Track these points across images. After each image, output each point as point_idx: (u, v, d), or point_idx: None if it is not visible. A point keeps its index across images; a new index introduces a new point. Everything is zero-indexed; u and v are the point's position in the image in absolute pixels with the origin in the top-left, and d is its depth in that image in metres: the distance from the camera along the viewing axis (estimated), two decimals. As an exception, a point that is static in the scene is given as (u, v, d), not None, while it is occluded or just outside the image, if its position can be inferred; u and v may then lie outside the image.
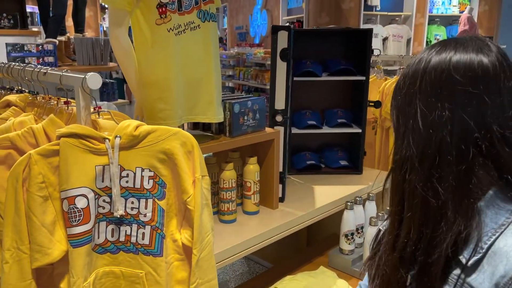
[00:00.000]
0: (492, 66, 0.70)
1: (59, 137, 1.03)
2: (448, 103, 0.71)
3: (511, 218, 0.68)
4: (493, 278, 0.66)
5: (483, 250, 0.68)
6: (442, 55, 0.73)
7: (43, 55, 3.43)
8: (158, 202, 1.11)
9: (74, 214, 1.02)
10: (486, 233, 0.69)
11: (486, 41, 0.75)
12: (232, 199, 1.75)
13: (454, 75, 0.71)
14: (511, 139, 0.70)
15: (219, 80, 1.65)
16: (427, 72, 0.73)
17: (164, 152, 1.09)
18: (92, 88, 1.04)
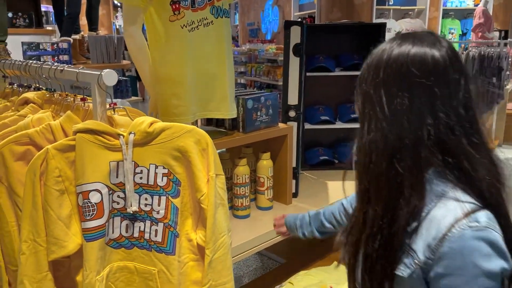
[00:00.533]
0: (442, 59, 0.81)
1: (75, 133, 1.04)
2: (407, 93, 0.81)
3: (444, 192, 0.81)
4: (426, 240, 0.79)
5: (421, 218, 0.81)
6: (402, 48, 0.83)
7: (58, 53, 3.47)
8: (172, 200, 1.11)
9: (88, 209, 1.04)
10: (426, 205, 0.81)
11: (439, 37, 0.85)
12: (245, 194, 1.76)
13: (412, 69, 0.80)
14: (455, 127, 0.80)
15: (232, 76, 1.66)
16: (389, 64, 0.83)
17: (178, 149, 1.10)
18: (108, 84, 1.06)
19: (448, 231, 0.77)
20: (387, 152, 0.83)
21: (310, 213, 1.48)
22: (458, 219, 0.77)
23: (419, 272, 0.81)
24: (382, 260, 0.84)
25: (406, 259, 0.82)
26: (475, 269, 0.75)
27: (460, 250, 0.76)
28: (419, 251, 0.80)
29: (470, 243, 0.76)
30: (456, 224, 0.77)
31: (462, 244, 0.76)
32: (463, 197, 0.80)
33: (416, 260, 0.81)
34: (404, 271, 0.82)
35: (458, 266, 0.76)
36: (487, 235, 0.76)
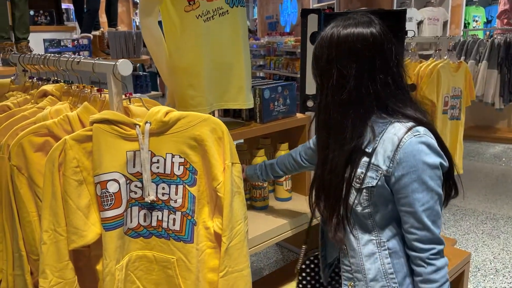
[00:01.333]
0: (378, 35, 1.08)
1: (92, 123, 1.05)
2: (355, 63, 1.08)
3: (389, 123, 1.10)
4: (385, 154, 1.09)
5: (378, 141, 1.10)
6: (348, 30, 1.09)
7: (79, 50, 3.51)
8: (188, 188, 1.11)
9: (106, 198, 1.05)
10: (378, 132, 1.11)
11: (372, 17, 1.12)
12: (263, 185, 1.75)
13: (357, 45, 1.07)
14: (390, 83, 1.10)
15: (249, 66, 1.64)
16: (339, 44, 1.09)
17: (194, 138, 1.09)
18: (123, 74, 1.06)
19: (400, 141, 1.06)
20: (342, 107, 1.11)
21: (265, 163, 1.61)
22: (405, 132, 1.07)
23: (383, 179, 1.09)
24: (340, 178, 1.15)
25: (371, 173, 1.10)
26: (423, 165, 1.05)
27: (410, 152, 1.05)
28: (381, 163, 1.09)
29: (416, 146, 1.05)
30: (404, 136, 1.06)
31: (411, 148, 1.05)
32: (404, 121, 1.10)
33: (379, 171, 1.09)
34: (372, 182, 1.10)
35: (411, 165, 1.05)
36: (426, 139, 1.06)
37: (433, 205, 1.07)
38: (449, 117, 2.48)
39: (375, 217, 1.14)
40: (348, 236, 1.18)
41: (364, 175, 1.11)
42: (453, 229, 3.31)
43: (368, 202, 1.12)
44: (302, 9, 1.84)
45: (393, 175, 1.07)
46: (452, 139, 2.56)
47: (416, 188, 1.05)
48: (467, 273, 2.16)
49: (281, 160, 1.56)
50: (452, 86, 2.43)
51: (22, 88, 1.47)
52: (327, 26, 1.15)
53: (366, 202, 1.12)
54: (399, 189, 1.07)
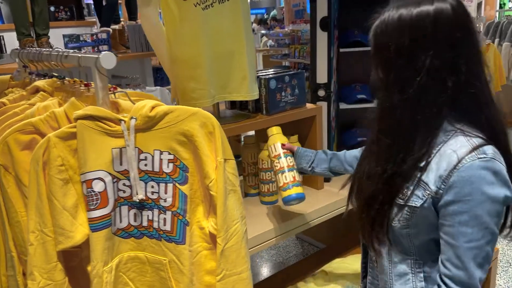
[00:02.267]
0: (462, 11, 0.87)
1: (76, 120, 1.00)
2: (433, 50, 0.86)
3: (452, 133, 0.90)
4: (437, 172, 0.89)
5: (433, 155, 0.90)
6: (422, 8, 0.86)
7: (98, 44, 3.52)
8: (179, 187, 1.06)
9: (91, 198, 1.00)
10: (436, 144, 0.91)
11: None
12: (272, 180, 1.68)
13: (439, 27, 0.85)
14: (475, 83, 0.87)
15: (253, 55, 1.57)
16: (414, 28, 0.87)
17: (183, 133, 1.03)
18: (105, 67, 1.01)
19: (459, 162, 0.86)
20: (414, 110, 0.89)
21: (326, 152, 1.38)
22: (468, 152, 0.86)
23: (430, 201, 0.90)
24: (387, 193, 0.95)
25: (418, 192, 0.91)
26: (482, 195, 0.84)
27: (468, 178, 0.84)
28: (431, 183, 0.90)
29: (478, 172, 0.84)
30: (466, 156, 0.85)
31: (471, 173, 0.84)
32: (471, 133, 0.89)
33: (427, 191, 0.90)
34: (416, 201, 0.91)
35: (466, 193, 0.85)
36: (493, 165, 0.85)
37: (482, 245, 0.86)
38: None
39: (414, 238, 0.96)
40: (380, 249, 1.02)
41: (411, 192, 0.92)
42: (484, 222, 3.14)
43: (408, 222, 0.94)
44: (310, -8, 1.75)
45: (442, 199, 0.88)
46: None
47: (465, 221, 0.86)
48: (494, 270, 2.03)
49: (352, 156, 1.34)
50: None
51: (22, 84, 1.45)
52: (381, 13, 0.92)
53: (406, 222, 0.94)
54: (445, 215, 0.89)
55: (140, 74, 3.71)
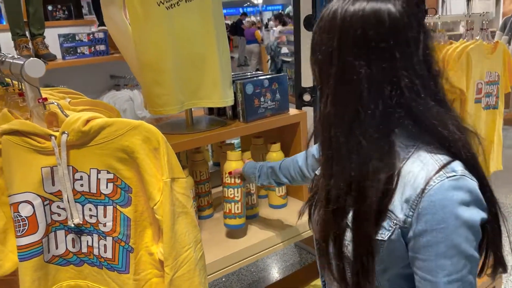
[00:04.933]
0: (400, 15, 0.73)
1: (1, 135, 0.89)
2: (364, 61, 0.74)
3: (410, 151, 0.78)
4: (403, 197, 0.76)
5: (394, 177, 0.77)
6: (356, 6, 0.74)
7: (95, 44, 3.44)
8: (121, 209, 0.94)
9: (18, 224, 0.90)
10: (398, 160, 0.78)
11: None
12: (251, 191, 1.55)
13: (368, 32, 0.73)
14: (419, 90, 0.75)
15: (227, 58, 1.44)
16: (344, 30, 0.75)
17: (123, 150, 0.91)
18: (32, 76, 0.89)
19: (427, 184, 0.74)
20: (347, 125, 0.78)
21: (267, 165, 1.34)
22: (436, 171, 0.74)
23: (398, 233, 0.77)
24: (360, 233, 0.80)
25: (383, 223, 0.78)
26: (457, 220, 0.72)
27: (440, 201, 0.73)
28: (397, 210, 0.77)
29: (450, 193, 0.73)
30: (434, 176, 0.74)
31: (442, 195, 0.73)
32: (435, 149, 0.77)
33: (394, 221, 0.77)
34: (383, 233, 0.78)
35: (439, 220, 0.73)
36: (465, 183, 0.74)
37: (464, 275, 0.74)
38: (484, 106, 2.14)
39: (380, 276, 0.82)
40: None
41: None
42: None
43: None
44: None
45: (412, 229, 0.75)
46: (488, 131, 2.22)
47: (442, 252, 0.73)
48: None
49: (285, 165, 1.28)
50: (486, 70, 2.08)
51: (-23, 91, 1.35)
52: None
53: None
54: (418, 248, 0.75)
55: (139, 74, 3.61)
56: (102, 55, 3.35)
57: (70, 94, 1.25)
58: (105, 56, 3.34)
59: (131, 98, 3.30)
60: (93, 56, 3.29)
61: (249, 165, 1.39)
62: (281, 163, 1.31)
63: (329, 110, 0.79)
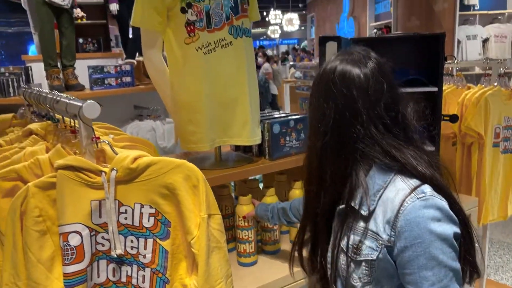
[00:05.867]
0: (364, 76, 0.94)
1: (57, 169, 0.98)
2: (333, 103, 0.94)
3: (389, 179, 0.92)
4: (384, 219, 0.90)
5: (375, 202, 0.92)
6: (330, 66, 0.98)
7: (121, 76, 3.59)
8: (160, 242, 1.00)
9: (67, 252, 0.96)
10: (376, 191, 0.93)
11: (369, 53, 0.99)
12: (274, 228, 1.60)
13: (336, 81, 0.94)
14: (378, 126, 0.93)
15: (256, 99, 1.53)
16: (318, 81, 0.99)
17: (166, 186, 0.99)
18: (88, 116, 0.98)
19: (401, 206, 0.87)
20: (321, 153, 0.97)
21: (277, 206, 1.45)
22: (408, 194, 0.88)
23: (385, 251, 0.90)
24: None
25: (370, 243, 0.91)
26: (431, 235, 0.84)
27: (414, 219, 0.85)
28: (380, 231, 0.90)
29: (421, 211, 0.85)
30: (406, 198, 0.87)
31: (415, 214, 0.85)
32: (407, 177, 0.91)
33: (380, 241, 0.90)
34: (372, 254, 0.91)
35: (415, 235, 0.85)
36: (434, 202, 0.86)
37: (447, 284, 0.85)
38: (502, 151, 2.19)
39: None
40: None
41: (362, 245, 0.92)
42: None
43: (368, 277, 0.93)
44: (320, 36, 1.71)
45: (395, 246, 0.88)
46: (507, 174, 2.25)
47: (423, 264, 0.85)
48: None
49: (295, 205, 1.39)
50: (504, 115, 2.14)
51: (24, 123, 1.45)
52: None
53: (367, 278, 0.93)
54: (403, 264, 0.88)
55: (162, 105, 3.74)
56: (127, 86, 3.47)
57: (111, 130, 1.35)
58: (130, 87, 3.46)
59: (153, 129, 3.41)
60: (119, 87, 3.41)
61: (260, 207, 1.48)
62: (291, 203, 1.41)
63: (311, 143, 1.01)
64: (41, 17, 3.03)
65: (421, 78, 1.98)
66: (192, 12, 1.36)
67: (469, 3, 6.24)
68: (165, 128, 3.37)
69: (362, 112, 0.93)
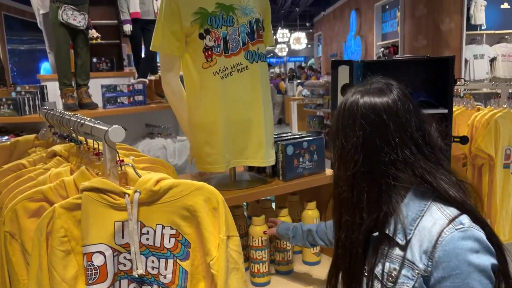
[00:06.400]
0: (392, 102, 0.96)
1: (82, 191, 1.01)
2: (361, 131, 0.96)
3: (425, 207, 0.93)
4: (421, 249, 0.90)
5: (412, 231, 0.92)
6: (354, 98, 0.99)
7: (134, 94, 3.66)
8: (180, 263, 1.03)
9: (90, 272, 0.99)
10: (412, 219, 0.93)
11: (390, 83, 1.01)
12: (287, 248, 1.62)
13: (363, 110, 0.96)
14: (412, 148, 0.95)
15: (271, 121, 1.57)
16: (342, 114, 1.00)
17: (186, 208, 1.02)
18: (113, 140, 1.02)
19: (439, 236, 0.88)
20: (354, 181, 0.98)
21: (302, 227, 1.46)
22: (445, 225, 0.88)
23: (421, 281, 0.90)
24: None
25: (406, 272, 0.92)
26: (469, 266, 0.85)
27: (453, 250, 0.86)
28: (417, 261, 0.90)
29: (460, 243, 0.86)
30: (445, 229, 0.88)
31: (453, 245, 0.86)
32: (443, 206, 0.92)
33: (416, 270, 0.90)
34: (407, 283, 0.91)
35: (454, 266, 0.85)
36: (472, 233, 0.87)
37: None
38: (512, 172, 2.20)
39: None
40: None
41: (398, 273, 0.93)
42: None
43: None
44: (332, 60, 1.75)
45: (432, 276, 0.88)
46: (517, 196, 2.26)
47: None
48: None
49: (322, 229, 1.41)
50: (514, 137, 2.16)
51: (45, 144, 1.50)
52: (365, 77, 1.05)
53: None
54: None
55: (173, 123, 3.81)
56: (139, 105, 3.53)
57: (131, 151, 1.39)
58: (142, 106, 3.52)
59: (164, 147, 3.46)
60: (131, 106, 3.46)
61: (282, 226, 1.49)
62: (318, 226, 1.42)
63: (341, 173, 1.00)
64: (57, 37, 3.12)
65: (431, 100, 2.02)
66: (210, 38, 1.41)
67: (476, 23, 6.30)
68: (176, 146, 3.42)
69: (394, 135, 0.94)
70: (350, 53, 10.42)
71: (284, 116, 11.52)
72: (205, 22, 1.41)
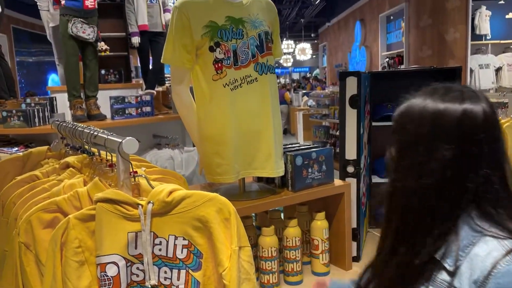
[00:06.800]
0: (491, 113, 0.85)
1: (96, 202, 1.03)
2: (456, 147, 0.85)
3: (477, 236, 0.85)
4: (471, 278, 0.83)
5: (463, 258, 0.85)
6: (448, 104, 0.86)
7: (141, 106, 3.70)
8: (192, 273, 1.04)
9: (104, 282, 1.00)
10: (464, 245, 0.86)
11: (476, 91, 0.89)
12: (296, 259, 1.63)
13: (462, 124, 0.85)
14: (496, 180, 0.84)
15: (280, 133, 1.58)
16: (437, 118, 0.87)
17: (199, 219, 1.03)
18: (127, 152, 1.04)
19: (494, 268, 0.80)
20: (427, 194, 0.88)
21: None
22: (502, 256, 0.81)
23: None
24: None
25: None
26: None
27: (507, 284, 0.79)
28: None
29: None
30: (501, 261, 0.81)
31: (509, 279, 0.79)
32: (501, 234, 0.84)
33: None
34: None
35: None
36: None
37: None
38: (521, 182, 2.19)
39: None
40: None
41: None
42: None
43: None
44: (339, 72, 1.77)
45: None
46: (526, 206, 2.25)
47: None
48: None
49: None
50: (522, 147, 2.16)
51: (58, 155, 1.52)
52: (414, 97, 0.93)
53: None
54: None
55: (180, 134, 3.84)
56: (147, 116, 3.56)
57: (142, 162, 1.40)
58: (150, 117, 3.55)
59: (171, 157, 3.47)
60: (139, 117, 3.48)
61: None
62: None
63: (408, 184, 0.89)
64: (67, 50, 3.16)
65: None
66: (220, 51, 1.44)
67: (480, 33, 6.32)
68: (183, 157, 3.44)
69: (485, 160, 0.84)
70: (355, 63, 10.46)
71: (290, 126, 11.54)
72: (215, 35, 1.43)
